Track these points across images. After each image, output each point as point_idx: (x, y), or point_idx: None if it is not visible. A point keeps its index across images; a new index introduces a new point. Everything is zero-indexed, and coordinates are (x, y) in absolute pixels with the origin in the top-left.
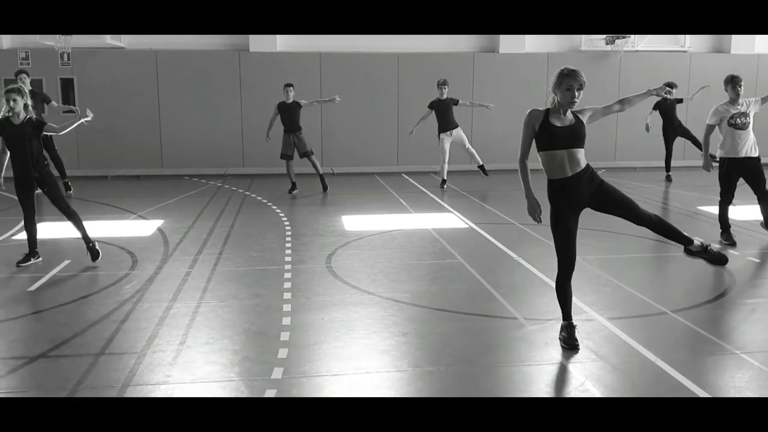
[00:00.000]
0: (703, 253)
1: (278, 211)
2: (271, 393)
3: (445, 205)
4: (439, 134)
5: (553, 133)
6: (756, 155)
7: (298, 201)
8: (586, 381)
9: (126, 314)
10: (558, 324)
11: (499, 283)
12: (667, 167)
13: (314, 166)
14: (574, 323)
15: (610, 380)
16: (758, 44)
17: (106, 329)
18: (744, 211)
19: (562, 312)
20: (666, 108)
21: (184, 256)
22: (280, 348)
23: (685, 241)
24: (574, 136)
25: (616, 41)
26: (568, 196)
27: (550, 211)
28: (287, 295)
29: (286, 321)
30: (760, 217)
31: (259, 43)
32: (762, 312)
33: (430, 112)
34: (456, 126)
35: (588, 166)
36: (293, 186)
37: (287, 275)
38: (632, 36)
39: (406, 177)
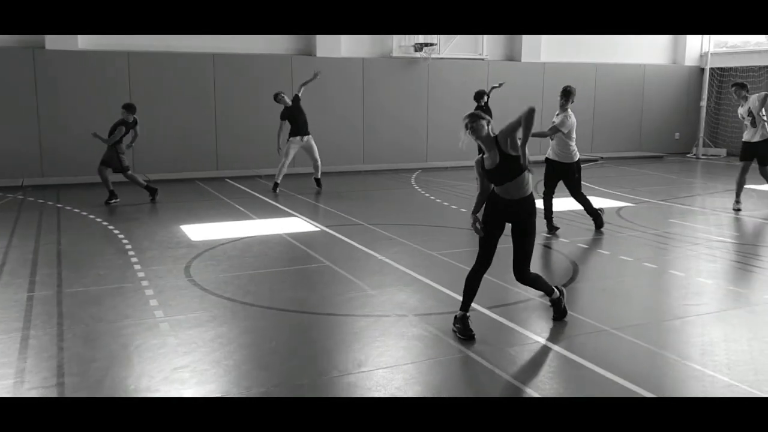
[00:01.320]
0: (557, 304)
1: (105, 223)
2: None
3: (286, 209)
4: (289, 137)
5: (489, 175)
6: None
7: (123, 212)
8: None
9: None
10: (446, 316)
11: (374, 283)
12: None
13: (134, 180)
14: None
15: (509, 365)
16: (543, 53)
17: None
18: (561, 202)
19: (464, 303)
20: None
21: (16, 279)
22: (180, 369)
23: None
24: (502, 173)
25: (424, 48)
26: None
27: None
28: (159, 313)
29: (172, 341)
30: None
31: (55, 40)
32: (612, 292)
33: (284, 122)
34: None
35: (525, 198)
36: (111, 194)
37: (148, 292)
38: (438, 44)
39: (231, 182)
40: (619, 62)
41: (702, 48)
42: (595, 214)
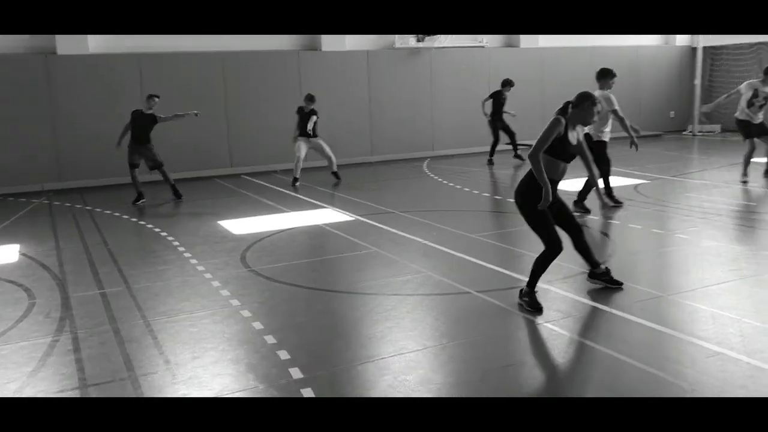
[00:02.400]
0: (605, 276)
1: (143, 223)
2: (307, 392)
3: (314, 201)
4: (297, 137)
5: (565, 148)
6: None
7: (155, 211)
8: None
9: (74, 343)
10: (506, 291)
11: (426, 265)
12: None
13: (165, 177)
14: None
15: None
16: (541, 38)
17: (67, 365)
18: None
19: (533, 281)
20: (498, 100)
21: (82, 278)
22: (277, 350)
23: (592, 265)
24: (573, 153)
25: (426, 39)
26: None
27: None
28: (235, 302)
29: (258, 325)
30: None
31: (66, 45)
32: (654, 263)
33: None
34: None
35: None
36: (139, 196)
37: (215, 283)
38: (438, 35)
39: (248, 178)
40: (614, 45)
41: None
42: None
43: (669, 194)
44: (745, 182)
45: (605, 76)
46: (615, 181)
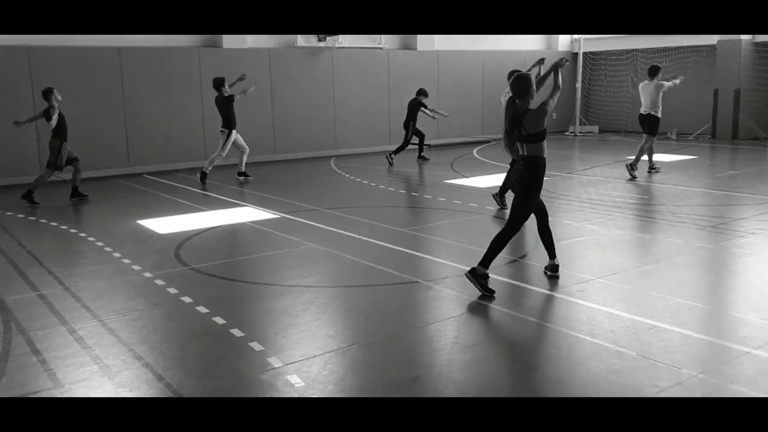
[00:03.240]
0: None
1: (55, 224)
2: (294, 378)
3: (230, 200)
4: (231, 130)
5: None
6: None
7: (63, 212)
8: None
9: (29, 345)
10: (450, 279)
11: (372, 258)
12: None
13: (39, 177)
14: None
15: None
16: (437, 42)
17: (32, 367)
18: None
19: (488, 261)
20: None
21: (11, 280)
22: (249, 342)
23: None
24: None
25: (327, 38)
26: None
27: (536, 185)
28: (187, 299)
29: (219, 320)
30: None
31: None
32: (576, 250)
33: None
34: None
35: None
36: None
37: (159, 282)
38: (339, 34)
39: (151, 177)
40: (503, 49)
41: (573, 34)
42: None
43: (569, 189)
44: (651, 172)
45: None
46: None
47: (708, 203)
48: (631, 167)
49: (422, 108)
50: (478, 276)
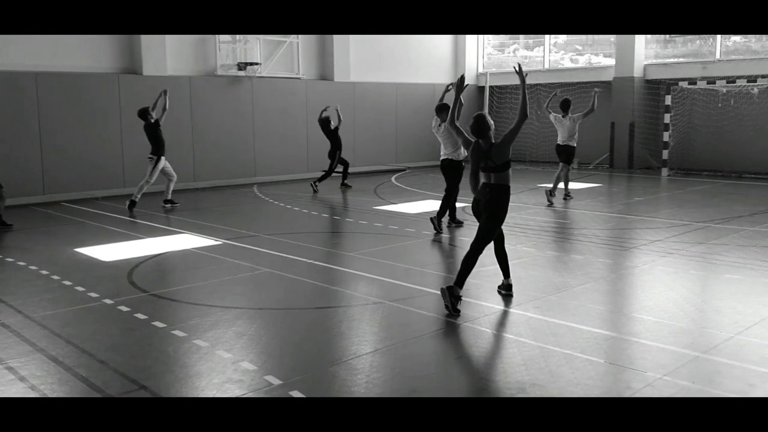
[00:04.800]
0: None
1: None
2: (295, 394)
3: (163, 227)
4: (160, 157)
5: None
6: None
7: None
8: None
9: (15, 372)
10: (415, 299)
11: (330, 280)
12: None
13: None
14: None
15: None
16: (353, 73)
17: (20, 394)
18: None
19: (462, 280)
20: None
21: None
22: (240, 362)
23: (505, 275)
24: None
25: (248, 67)
26: None
27: (504, 210)
28: (159, 324)
29: (201, 343)
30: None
31: None
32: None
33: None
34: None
35: None
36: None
37: (123, 308)
38: (261, 63)
39: (69, 205)
40: (415, 82)
41: (478, 68)
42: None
43: None
44: (566, 198)
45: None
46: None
47: (626, 226)
48: (550, 193)
49: (337, 127)
50: (453, 296)
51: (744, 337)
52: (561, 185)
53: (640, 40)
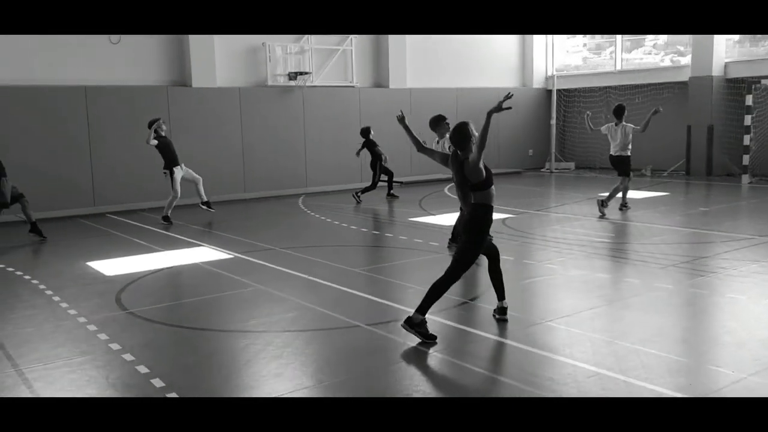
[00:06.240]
0: (501, 313)
1: (2, 266)
2: None
3: (188, 239)
4: (172, 169)
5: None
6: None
7: (15, 253)
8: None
9: None
10: (395, 324)
11: (315, 300)
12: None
13: (25, 211)
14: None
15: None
16: (409, 79)
17: None
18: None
19: (425, 308)
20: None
21: None
22: (167, 394)
23: (499, 297)
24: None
25: (298, 77)
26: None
27: (482, 232)
28: (115, 346)
29: (143, 369)
30: None
31: None
32: (532, 291)
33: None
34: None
35: None
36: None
37: (91, 327)
38: (312, 72)
39: (114, 217)
40: (476, 86)
41: (547, 72)
42: None
43: (535, 227)
44: (622, 209)
45: None
46: None
47: (674, 241)
48: (602, 204)
49: (374, 146)
50: (415, 325)
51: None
52: (619, 195)
53: (719, 35)
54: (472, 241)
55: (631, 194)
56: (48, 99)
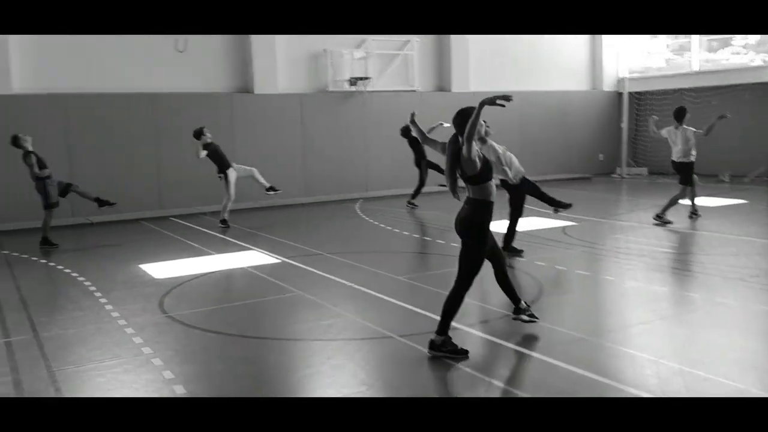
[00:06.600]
0: (528, 311)
1: (60, 267)
2: None
3: (241, 243)
4: (226, 171)
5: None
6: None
7: (73, 255)
8: (491, 382)
9: None
10: (428, 335)
11: (351, 308)
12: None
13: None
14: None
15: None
16: (472, 83)
17: None
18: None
19: (444, 327)
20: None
21: None
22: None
23: (514, 300)
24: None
25: (358, 82)
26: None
27: (481, 233)
28: (147, 350)
29: (168, 375)
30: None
31: None
32: (578, 304)
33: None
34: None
35: None
36: (46, 240)
37: (129, 330)
38: (373, 78)
39: (176, 220)
40: (543, 89)
41: (618, 74)
42: None
43: (596, 236)
44: (692, 217)
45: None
46: (543, 222)
47: (745, 253)
48: (658, 217)
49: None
50: (439, 347)
51: None
52: (687, 201)
53: None
54: (474, 242)
55: (705, 201)
56: (116, 106)
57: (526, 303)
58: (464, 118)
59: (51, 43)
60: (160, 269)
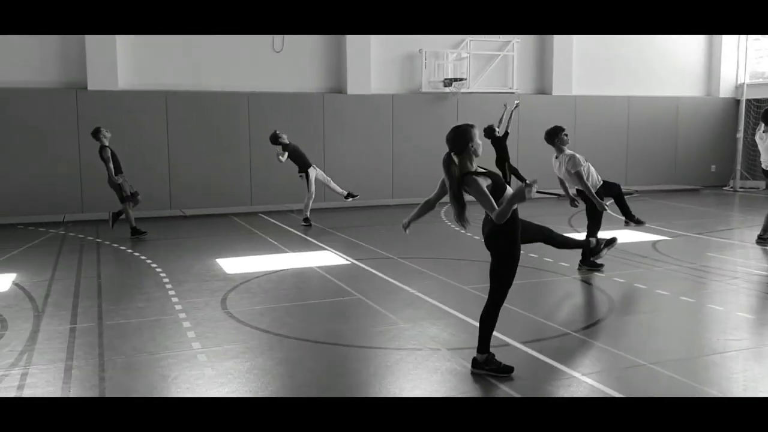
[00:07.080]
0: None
1: (143, 257)
2: None
3: (318, 243)
4: (306, 171)
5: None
6: None
7: (161, 245)
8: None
9: (21, 379)
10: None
11: (406, 316)
12: None
13: (126, 213)
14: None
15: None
16: (574, 86)
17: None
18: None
19: (485, 344)
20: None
21: (60, 311)
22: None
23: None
24: None
25: (453, 84)
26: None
27: (512, 243)
28: (196, 345)
29: (210, 372)
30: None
31: (97, 80)
32: (648, 326)
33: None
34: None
35: None
36: (135, 230)
37: (186, 324)
38: (468, 79)
39: (264, 216)
40: (652, 95)
41: (737, 79)
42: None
43: (688, 253)
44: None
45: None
46: (633, 235)
47: None
48: (760, 239)
49: (503, 133)
50: (482, 365)
51: None
52: None
53: None
54: (504, 257)
55: None
56: (214, 104)
57: (592, 243)
58: (456, 135)
59: (154, 42)
60: (234, 264)
